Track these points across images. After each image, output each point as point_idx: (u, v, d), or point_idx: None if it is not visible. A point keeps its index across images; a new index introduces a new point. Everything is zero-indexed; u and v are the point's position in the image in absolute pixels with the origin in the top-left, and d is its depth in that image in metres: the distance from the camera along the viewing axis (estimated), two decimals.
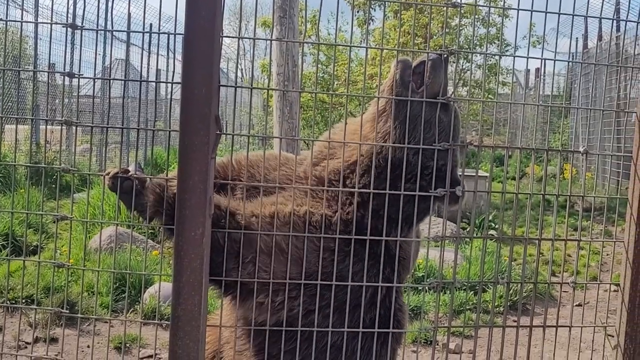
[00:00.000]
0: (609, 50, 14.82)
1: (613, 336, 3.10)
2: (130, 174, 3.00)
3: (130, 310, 6.32)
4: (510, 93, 10.12)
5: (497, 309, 6.69)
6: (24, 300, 5.99)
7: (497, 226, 9.97)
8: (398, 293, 3.16)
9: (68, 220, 2.98)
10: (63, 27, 2.93)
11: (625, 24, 13.63)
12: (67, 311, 3.06)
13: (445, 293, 6.71)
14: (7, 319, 5.92)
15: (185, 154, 2.47)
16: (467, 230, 10.09)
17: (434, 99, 2.92)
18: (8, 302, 5.79)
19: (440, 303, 6.71)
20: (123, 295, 6.48)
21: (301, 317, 2.89)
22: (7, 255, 6.68)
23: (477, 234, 9.00)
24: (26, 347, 5.41)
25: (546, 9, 2.90)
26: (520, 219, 10.50)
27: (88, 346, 5.46)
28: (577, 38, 18.23)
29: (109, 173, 3.01)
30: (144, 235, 7.46)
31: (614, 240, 3.17)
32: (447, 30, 16.86)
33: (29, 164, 3.41)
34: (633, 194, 2.97)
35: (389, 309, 3.04)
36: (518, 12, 2.96)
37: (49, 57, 3.76)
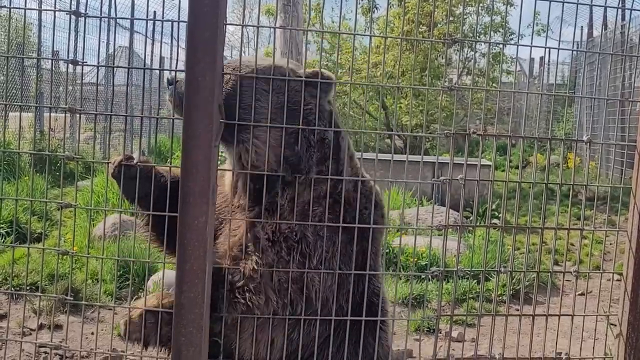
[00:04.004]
0: (613, 39, 14.76)
1: (615, 325, 3.11)
2: (135, 161, 3.00)
3: (134, 298, 6.34)
4: (514, 82, 10.10)
5: (500, 297, 6.70)
6: (28, 287, 6.01)
7: (500, 215, 9.96)
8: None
9: (72, 207, 2.99)
10: (67, 14, 2.93)
11: (631, 13, 13.58)
12: (72, 298, 3.07)
13: (448, 282, 6.72)
14: (11, 306, 5.95)
15: (188, 141, 2.47)
16: (470, 219, 10.10)
17: None
18: (13, 289, 5.81)
19: (443, 292, 6.72)
20: (127, 283, 6.50)
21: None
22: (11, 243, 6.71)
23: (480, 223, 9.01)
24: (31, 334, 5.44)
25: None
26: (523, 208, 10.50)
27: (92, 333, 5.49)
28: (581, 27, 18.15)
29: (114, 161, 3.02)
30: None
31: (617, 229, 3.17)
32: (451, 18, 16.84)
33: (33, 152, 3.41)
34: (637, 183, 2.96)
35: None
36: (522, 1, 2.95)
37: (53, 45, 3.76)
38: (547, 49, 3.18)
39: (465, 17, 17.69)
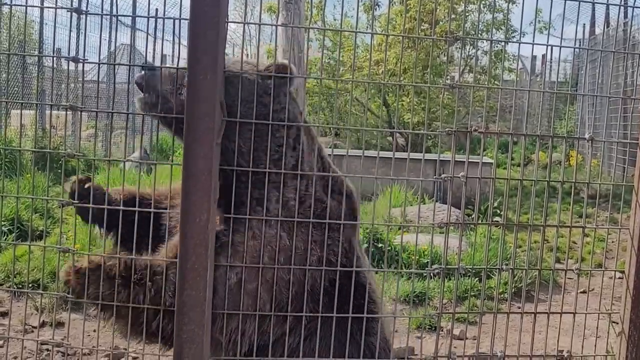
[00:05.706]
0: (616, 36, 14.73)
1: (617, 323, 3.10)
2: (87, 185, 3.01)
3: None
4: (516, 79, 10.07)
5: (502, 295, 6.69)
6: (30, 285, 6.02)
7: (501, 213, 9.97)
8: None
9: (74, 205, 2.99)
10: (68, 11, 2.93)
11: (633, 10, 13.54)
12: (73, 296, 3.07)
13: (449, 280, 6.71)
14: (13, 304, 5.96)
15: (190, 139, 2.47)
16: (472, 216, 10.10)
17: None
18: (15, 286, 5.82)
19: (445, 289, 6.72)
20: None
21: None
22: (13, 240, 6.72)
23: (481, 221, 9.00)
24: (32, 331, 5.44)
25: None
26: (525, 206, 10.48)
27: (94, 330, 5.49)
28: (583, 24, 18.12)
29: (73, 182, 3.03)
30: None
31: (619, 227, 3.16)
32: (453, 16, 16.82)
33: (34, 149, 3.41)
34: (639, 181, 2.96)
35: None
36: None
37: (54, 42, 3.74)
38: (549, 47, 3.17)
39: (467, 14, 17.68)
